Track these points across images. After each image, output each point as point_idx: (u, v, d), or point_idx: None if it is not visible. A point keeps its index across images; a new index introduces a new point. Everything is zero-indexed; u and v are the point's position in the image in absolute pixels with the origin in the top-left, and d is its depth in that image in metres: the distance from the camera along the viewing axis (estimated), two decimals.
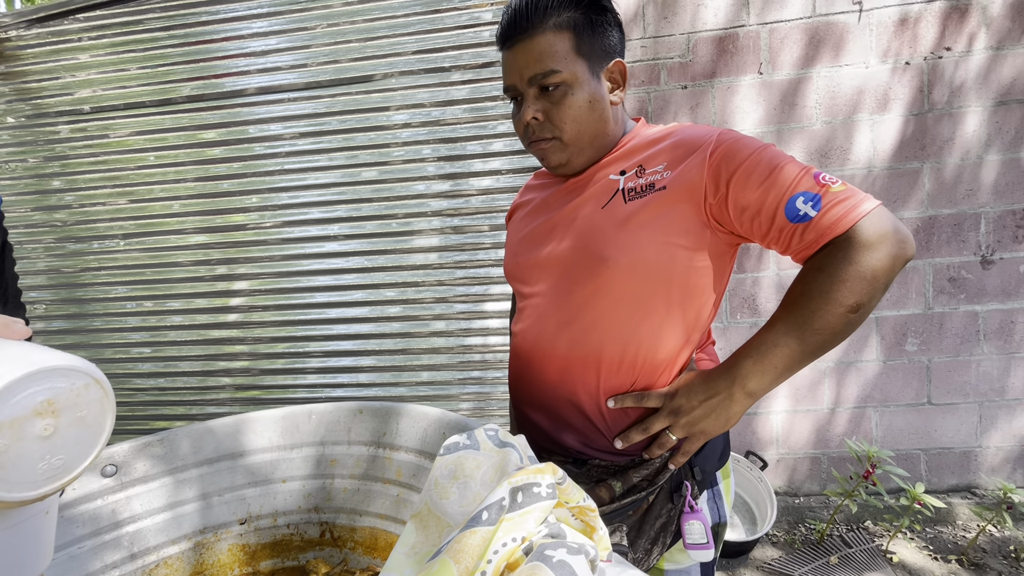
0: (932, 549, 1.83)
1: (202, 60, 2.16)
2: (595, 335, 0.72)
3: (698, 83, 1.96)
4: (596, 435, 0.75)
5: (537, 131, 0.74)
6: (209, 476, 0.72)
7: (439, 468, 0.53)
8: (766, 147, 0.68)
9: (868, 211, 0.62)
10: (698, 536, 0.73)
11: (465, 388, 2.18)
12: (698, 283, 0.72)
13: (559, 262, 0.76)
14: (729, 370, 0.68)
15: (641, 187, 0.71)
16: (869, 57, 1.89)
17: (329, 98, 2.12)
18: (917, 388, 2.01)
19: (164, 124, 2.22)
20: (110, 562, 0.63)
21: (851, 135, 1.93)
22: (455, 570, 0.34)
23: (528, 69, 0.71)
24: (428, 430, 0.68)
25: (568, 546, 0.35)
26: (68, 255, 2.36)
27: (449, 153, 2.08)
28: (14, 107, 2.29)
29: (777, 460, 2.10)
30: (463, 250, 2.12)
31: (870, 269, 0.61)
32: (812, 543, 1.89)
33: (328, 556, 0.71)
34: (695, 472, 0.75)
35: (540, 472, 0.43)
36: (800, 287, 0.66)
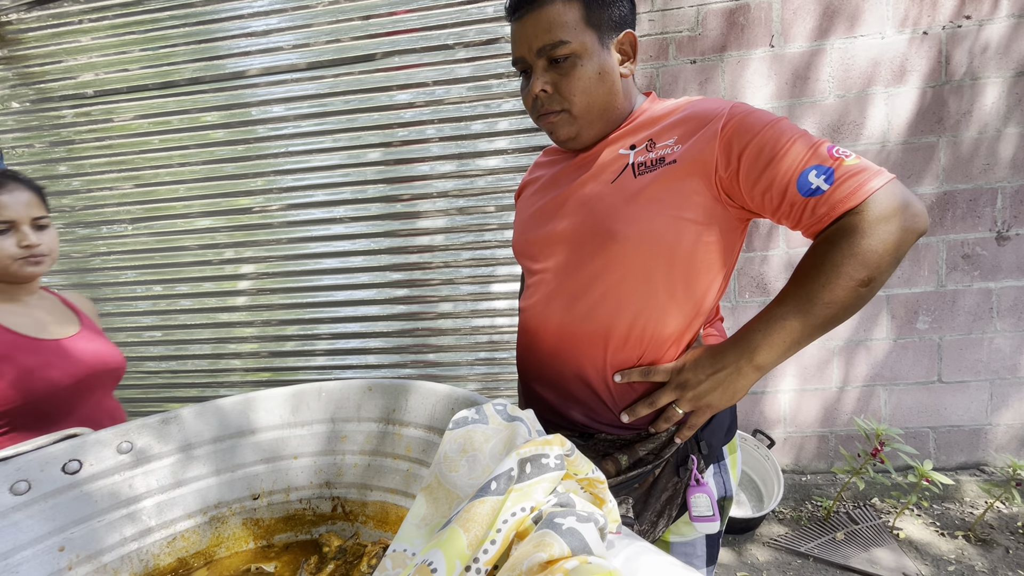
0: (939, 525, 1.84)
1: (203, 41, 2.14)
2: (602, 310, 0.72)
3: (707, 57, 1.91)
4: (602, 409, 0.76)
5: (546, 104, 0.73)
6: (221, 453, 0.73)
7: (448, 442, 0.53)
8: (779, 120, 0.66)
9: (882, 184, 0.61)
10: (704, 509, 0.73)
11: (473, 369, 2.20)
12: (707, 258, 0.71)
13: (568, 237, 0.75)
14: (737, 343, 0.68)
15: (651, 161, 0.70)
16: (885, 27, 1.83)
17: (332, 78, 2.09)
18: (928, 366, 2.00)
19: (167, 107, 2.21)
20: (128, 535, 0.64)
21: (865, 109, 1.88)
22: (464, 539, 0.34)
23: (537, 40, 0.69)
24: (437, 406, 0.68)
25: (577, 514, 0.35)
26: (77, 240, 2.38)
27: (454, 133, 2.06)
28: (18, 92, 2.29)
29: (784, 439, 2.10)
30: (469, 231, 2.11)
31: (882, 242, 0.60)
32: (818, 520, 1.91)
33: (340, 530, 0.73)
34: (701, 446, 0.75)
35: (548, 444, 0.43)
36: (811, 260, 0.65)
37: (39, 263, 1.02)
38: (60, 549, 0.59)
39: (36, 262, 1.02)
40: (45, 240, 1.03)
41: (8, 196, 0.99)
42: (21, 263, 1.00)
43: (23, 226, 1.00)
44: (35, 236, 1.01)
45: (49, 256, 1.04)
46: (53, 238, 1.06)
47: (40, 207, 1.04)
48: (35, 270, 1.02)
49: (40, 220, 1.03)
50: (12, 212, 0.98)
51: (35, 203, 1.02)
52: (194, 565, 0.68)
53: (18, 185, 1.01)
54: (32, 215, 1.01)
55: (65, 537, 0.60)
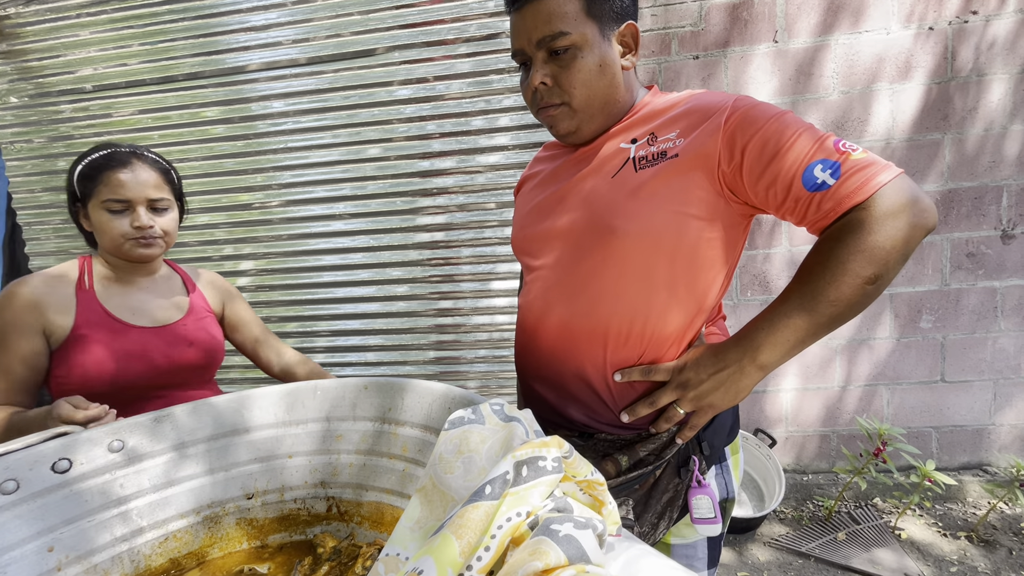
0: (941, 526, 1.83)
1: (202, 35, 2.13)
2: (602, 307, 0.70)
3: (710, 53, 1.89)
4: (602, 408, 0.74)
5: (546, 97, 0.71)
6: (215, 451, 0.72)
7: (444, 443, 0.52)
8: (784, 113, 0.65)
9: (890, 179, 0.59)
10: (705, 511, 0.72)
11: (472, 367, 2.19)
12: (709, 254, 0.69)
13: (567, 233, 0.74)
14: (740, 342, 0.66)
15: (653, 155, 0.68)
16: (891, 22, 1.81)
17: (332, 73, 2.08)
18: (931, 365, 1.98)
19: (166, 102, 2.19)
20: (119, 535, 0.63)
21: (869, 105, 1.86)
22: (457, 546, 0.33)
23: (536, 31, 0.68)
24: (433, 405, 0.67)
25: (575, 520, 0.34)
26: (77, 236, 2.37)
27: (454, 129, 2.04)
28: (16, 87, 2.27)
29: (786, 438, 2.09)
30: (469, 228, 2.10)
31: (889, 239, 0.59)
32: (820, 520, 1.90)
33: (335, 530, 0.72)
34: (703, 447, 0.74)
35: (545, 445, 0.42)
36: (816, 257, 0.63)
37: (150, 245, 0.98)
38: (49, 549, 0.58)
39: (147, 244, 0.98)
40: (161, 222, 0.99)
41: (128, 175, 0.95)
42: (132, 244, 0.97)
43: (139, 207, 0.96)
44: (149, 217, 0.97)
45: (163, 239, 1.00)
46: (170, 221, 1.01)
47: (161, 189, 0.99)
48: (146, 252, 0.98)
49: (158, 202, 0.98)
50: (129, 192, 0.95)
51: (156, 184, 0.98)
52: (187, 566, 0.67)
53: (141, 164, 0.97)
54: (149, 196, 0.96)
55: (54, 537, 0.59)
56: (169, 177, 1.02)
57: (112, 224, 0.95)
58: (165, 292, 1.07)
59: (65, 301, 0.96)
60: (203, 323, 1.08)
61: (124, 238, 0.96)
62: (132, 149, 0.99)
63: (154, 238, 0.98)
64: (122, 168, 0.95)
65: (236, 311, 1.17)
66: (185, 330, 1.04)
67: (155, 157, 1.01)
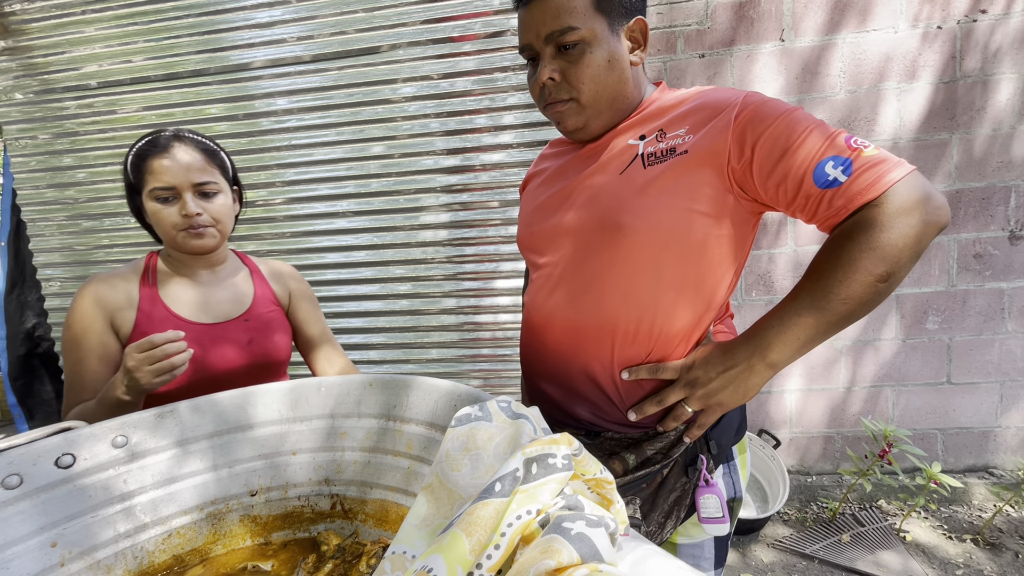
0: (947, 528, 1.82)
1: (207, 32, 2.12)
2: (610, 305, 0.70)
3: (716, 51, 1.88)
4: (609, 407, 0.74)
5: (554, 92, 0.71)
6: (219, 448, 0.71)
7: (450, 440, 0.51)
8: (795, 110, 0.64)
9: (902, 176, 0.58)
10: (713, 510, 0.71)
11: (475, 365, 2.18)
12: (718, 252, 0.69)
13: (574, 230, 0.73)
14: (749, 340, 0.66)
15: (661, 152, 0.68)
16: (898, 21, 1.80)
17: (336, 71, 2.07)
18: (937, 367, 1.97)
19: (171, 99, 2.19)
20: (122, 531, 0.63)
21: (876, 105, 1.85)
22: (467, 543, 0.32)
23: (545, 26, 0.67)
24: (439, 403, 0.66)
25: (587, 518, 0.33)
26: (81, 232, 2.37)
27: (458, 127, 2.03)
28: (21, 83, 2.27)
29: (790, 439, 2.08)
30: (472, 226, 2.09)
31: (902, 236, 0.58)
32: (824, 521, 1.88)
33: (339, 528, 0.71)
34: (711, 446, 0.73)
35: (555, 443, 0.41)
36: (826, 255, 0.63)
37: (201, 235, 0.91)
38: (52, 545, 0.58)
39: (198, 234, 0.90)
40: (211, 209, 0.91)
41: (168, 160, 0.89)
42: (184, 235, 0.90)
43: (185, 193, 0.89)
44: (196, 204, 0.89)
45: (214, 227, 0.92)
46: (221, 207, 0.93)
47: (205, 171, 0.91)
48: (197, 243, 0.91)
49: (205, 186, 0.90)
50: (172, 177, 0.88)
51: (199, 167, 0.90)
52: (190, 562, 0.67)
53: (183, 146, 0.90)
54: (193, 180, 0.89)
55: (58, 533, 0.59)
56: (216, 158, 0.94)
57: (163, 214, 0.90)
58: (228, 286, 1.00)
59: (129, 298, 0.93)
60: (265, 319, 1.00)
61: (176, 229, 0.90)
62: (175, 132, 0.93)
63: (204, 227, 0.91)
64: (164, 153, 0.89)
65: (297, 308, 1.09)
66: (245, 326, 0.97)
67: (199, 138, 0.94)
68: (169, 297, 0.95)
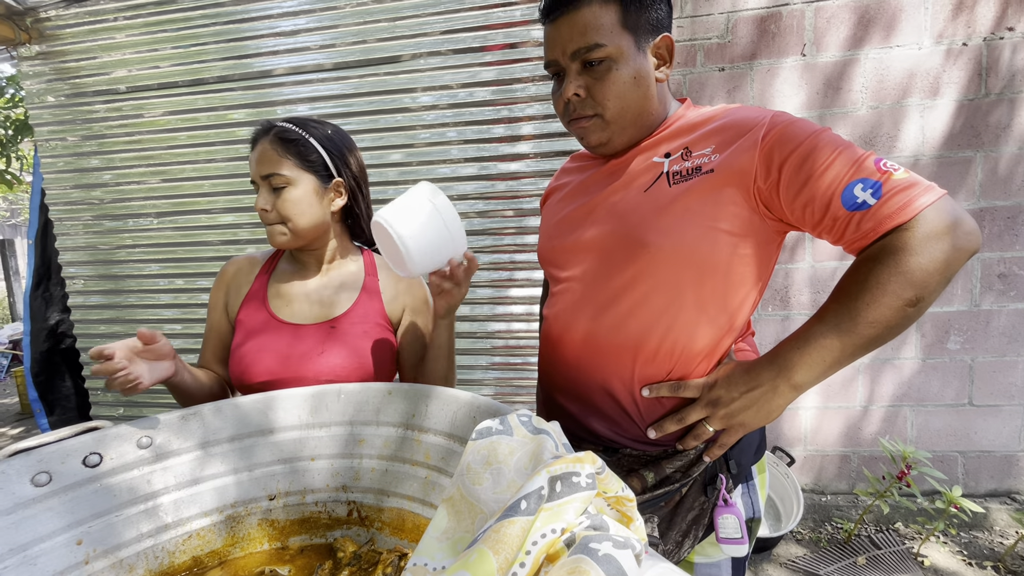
0: (966, 554, 1.77)
1: (232, 40, 2.17)
2: (632, 322, 0.70)
3: (736, 65, 1.88)
4: (628, 423, 0.73)
5: (578, 108, 0.71)
6: (239, 451, 0.72)
7: (471, 453, 0.51)
8: (823, 131, 0.64)
9: (933, 201, 0.58)
10: (732, 530, 0.70)
11: (488, 373, 2.18)
12: (742, 271, 0.68)
13: (597, 246, 0.73)
14: (773, 361, 0.65)
15: (687, 170, 0.68)
16: (923, 38, 1.78)
17: (357, 79, 2.10)
18: (958, 388, 1.92)
19: (196, 104, 2.24)
20: (145, 531, 0.64)
21: (899, 121, 1.83)
22: (495, 561, 0.33)
23: (572, 43, 0.68)
24: (458, 414, 0.67)
25: (613, 539, 0.33)
26: (105, 232, 2.42)
27: (476, 136, 2.05)
28: (54, 86, 2.34)
29: (804, 457, 2.04)
30: (488, 235, 2.10)
31: (932, 260, 0.57)
32: (839, 542, 1.85)
33: (355, 535, 0.71)
34: (730, 465, 0.73)
35: (579, 461, 0.41)
36: (854, 277, 0.62)
37: (272, 232, 0.86)
38: (78, 543, 0.59)
39: (269, 231, 0.87)
40: (278, 204, 0.85)
41: (252, 153, 0.87)
42: (267, 229, 0.87)
43: (261, 187, 0.86)
44: (265, 199, 0.85)
45: (283, 224, 0.86)
46: (289, 202, 0.85)
47: (275, 163, 0.84)
48: (272, 239, 0.87)
49: (272, 179, 0.84)
50: (252, 170, 0.87)
51: (268, 159, 0.84)
52: (208, 564, 0.67)
53: (267, 137, 0.86)
54: (262, 173, 0.85)
55: (83, 531, 0.60)
56: (296, 148, 0.86)
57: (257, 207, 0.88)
58: (329, 287, 0.93)
59: (246, 284, 0.94)
60: (360, 327, 0.90)
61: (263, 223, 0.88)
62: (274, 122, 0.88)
63: (271, 224, 0.86)
64: (254, 145, 0.88)
65: (408, 322, 0.96)
66: (331, 332, 0.89)
67: (289, 126, 0.87)
68: (272, 288, 0.93)
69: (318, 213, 0.89)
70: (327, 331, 0.89)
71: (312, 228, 0.89)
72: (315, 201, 0.88)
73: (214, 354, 0.97)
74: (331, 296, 0.92)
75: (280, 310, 0.91)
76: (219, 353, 0.97)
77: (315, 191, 0.88)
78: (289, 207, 0.85)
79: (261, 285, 0.94)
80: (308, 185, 0.87)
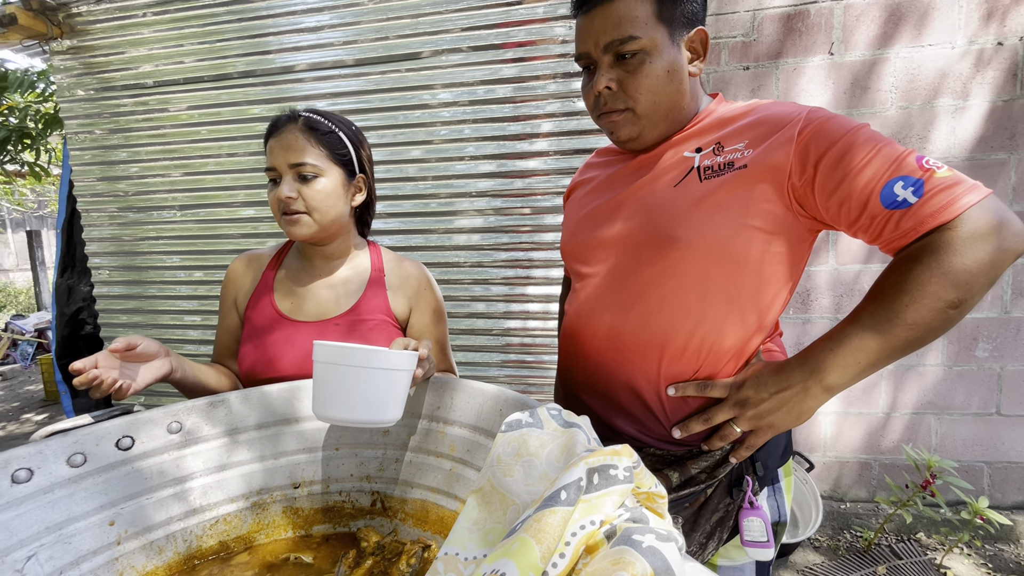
0: (991, 567, 1.72)
1: (256, 36, 2.20)
2: (659, 319, 0.69)
3: (761, 64, 1.85)
4: (653, 422, 0.72)
5: (609, 102, 0.70)
6: (265, 439, 0.73)
7: (501, 445, 0.51)
8: (862, 127, 0.62)
9: (978, 200, 0.56)
10: (758, 533, 0.69)
11: (503, 370, 2.18)
12: (772, 269, 0.67)
13: (624, 241, 0.72)
14: (805, 362, 0.64)
15: (719, 165, 0.67)
16: (956, 37, 1.74)
17: (378, 75, 2.11)
18: (985, 397, 1.87)
19: (219, 99, 2.27)
20: (174, 514, 0.65)
21: (929, 122, 1.79)
22: (538, 550, 0.32)
23: (605, 35, 0.67)
24: (484, 406, 0.66)
25: (656, 532, 0.33)
26: (129, 224, 2.47)
27: (494, 133, 2.05)
28: (83, 81, 2.39)
29: (823, 463, 2.01)
30: (505, 232, 2.10)
31: (976, 261, 0.55)
32: (858, 551, 1.81)
33: (379, 525, 0.72)
34: (757, 467, 0.71)
35: (617, 454, 0.41)
36: (892, 278, 0.60)
37: (294, 221, 0.84)
38: (110, 524, 0.60)
39: (290, 220, 0.84)
40: (306, 193, 0.83)
41: (275, 140, 0.84)
42: (283, 219, 0.85)
43: (285, 175, 0.83)
44: (291, 187, 0.82)
45: (308, 214, 0.84)
46: (318, 192, 0.83)
47: (305, 152, 0.82)
48: (292, 229, 0.84)
49: (302, 167, 0.82)
50: (274, 158, 0.84)
51: (300, 147, 0.82)
52: (235, 549, 0.68)
53: (292, 126, 0.84)
54: (290, 161, 0.82)
55: (115, 512, 0.61)
56: (327, 140, 0.85)
57: (270, 197, 0.86)
58: (337, 282, 0.92)
59: (254, 278, 0.94)
60: (366, 324, 0.89)
61: (277, 213, 0.85)
62: (296, 111, 0.87)
63: (296, 213, 0.83)
64: (275, 132, 0.85)
65: (416, 320, 0.94)
66: (337, 330, 0.88)
67: (316, 116, 0.86)
68: (280, 283, 0.92)
69: (342, 208, 0.89)
70: (332, 328, 0.88)
71: (334, 222, 0.88)
72: (342, 195, 0.88)
73: (228, 350, 0.97)
74: (338, 292, 0.92)
75: (287, 307, 0.91)
76: (232, 348, 0.97)
77: (342, 184, 0.88)
78: (320, 199, 0.84)
79: (268, 281, 0.94)
80: (337, 178, 0.87)
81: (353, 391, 0.59)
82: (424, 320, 0.95)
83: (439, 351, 0.97)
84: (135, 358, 0.74)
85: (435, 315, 0.97)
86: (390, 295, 0.93)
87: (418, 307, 0.95)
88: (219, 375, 0.92)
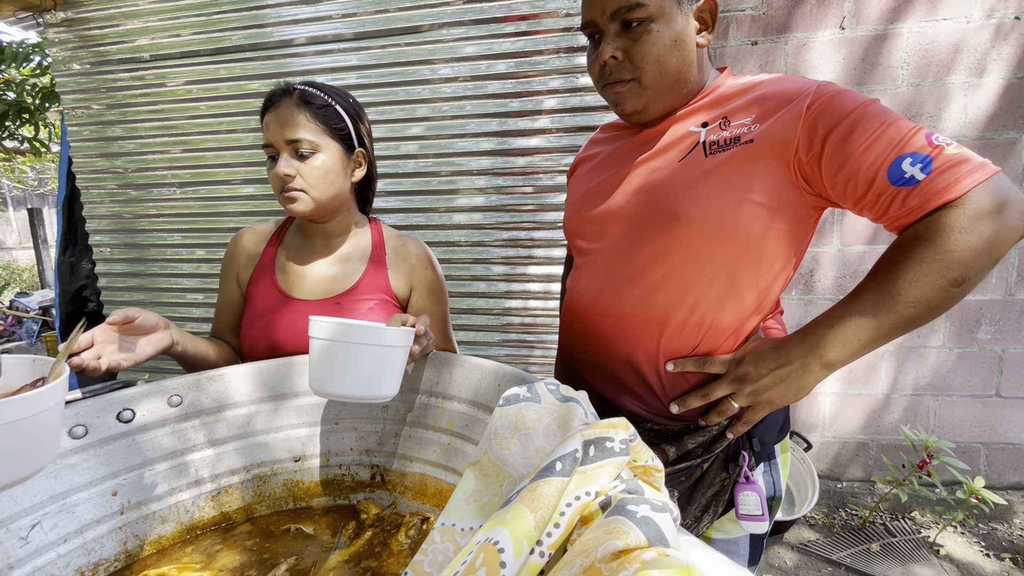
0: (984, 545, 1.75)
1: (253, 8, 2.15)
2: (660, 295, 0.68)
3: (770, 38, 1.80)
4: (651, 398, 0.73)
5: (615, 72, 0.68)
6: (265, 413, 0.73)
7: (499, 419, 0.51)
8: (871, 102, 0.61)
9: (986, 178, 0.55)
10: (753, 507, 0.70)
11: (503, 350, 2.19)
12: (775, 246, 0.66)
13: (627, 217, 0.71)
14: (805, 338, 0.63)
15: (725, 140, 0.65)
16: (972, 11, 1.69)
17: (378, 49, 2.07)
18: (985, 379, 1.88)
19: (217, 73, 2.23)
20: (176, 486, 0.66)
21: (941, 99, 1.75)
22: (531, 519, 0.32)
23: (612, 1, 0.65)
24: (482, 382, 0.66)
25: (651, 503, 0.33)
26: (129, 201, 2.46)
27: (497, 110, 2.01)
28: (78, 54, 2.35)
29: (821, 443, 2.03)
30: (506, 210, 2.08)
31: (981, 239, 0.55)
32: (852, 529, 1.84)
33: (378, 498, 0.73)
34: (753, 443, 0.72)
35: (613, 427, 0.41)
36: (895, 255, 0.59)
37: (292, 198, 0.82)
38: (113, 494, 0.61)
39: (288, 197, 0.82)
40: (304, 170, 0.81)
41: (271, 115, 0.82)
42: (281, 197, 0.83)
43: (282, 152, 0.82)
44: (288, 164, 0.81)
45: (305, 192, 0.82)
46: (315, 169, 0.82)
47: (301, 128, 0.80)
48: (290, 207, 0.83)
49: (298, 144, 0.81)
50: (271, 135, 0.82)
51: (295, 123, 0.80)
52: (236, 520, 0.69)
53: (288, 100, 0.82)
54: (287, 137, 0.81)
55: (118, 483, 0.62)
56: (322, 113, 0.83)
57: (270, 174, 0.84)
58: (337, 260, 0.91)
59: (256, 254, 0.94)
60: (365, 302, 0.88)
61: (275, 190, 0.84)
62: (291, 85, 0.85)
63: (294, 191, 0.82)
64: (270, 107, 0.83)
65: (416, 298, 0.94)
66: (337, 308, 0.87)
67: (313, 91, 0.84)
68: (281, 261, 0.92)
69: (341, 184, 0.87)
70: (333, 307, 0.88)
71: (334, 198, 0.87)
72: (341, 170, 0.87)
73: (228, 324, 0.97)
74: (339, 271, 0.91)
75: (288, 285, 0.90)
76: (232, 323, 0.97)
77: (341, 160, 0.86)
78: (318, 176, 0.83)
79: (270, 258, 0.93)
80: (335, 154, 0.85)
81: (349, 367, 0.59)
82: (424, 298, 0.94)
83: (439, 329, 0.96)
84: (134, 331, 0.74)
85: (435, 293, 0.96)
86: (390, 273, 0.93)
87: (418, 285, 0.94)
88: (219, 349, 0.92)
